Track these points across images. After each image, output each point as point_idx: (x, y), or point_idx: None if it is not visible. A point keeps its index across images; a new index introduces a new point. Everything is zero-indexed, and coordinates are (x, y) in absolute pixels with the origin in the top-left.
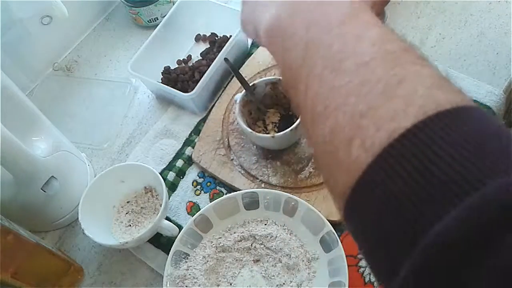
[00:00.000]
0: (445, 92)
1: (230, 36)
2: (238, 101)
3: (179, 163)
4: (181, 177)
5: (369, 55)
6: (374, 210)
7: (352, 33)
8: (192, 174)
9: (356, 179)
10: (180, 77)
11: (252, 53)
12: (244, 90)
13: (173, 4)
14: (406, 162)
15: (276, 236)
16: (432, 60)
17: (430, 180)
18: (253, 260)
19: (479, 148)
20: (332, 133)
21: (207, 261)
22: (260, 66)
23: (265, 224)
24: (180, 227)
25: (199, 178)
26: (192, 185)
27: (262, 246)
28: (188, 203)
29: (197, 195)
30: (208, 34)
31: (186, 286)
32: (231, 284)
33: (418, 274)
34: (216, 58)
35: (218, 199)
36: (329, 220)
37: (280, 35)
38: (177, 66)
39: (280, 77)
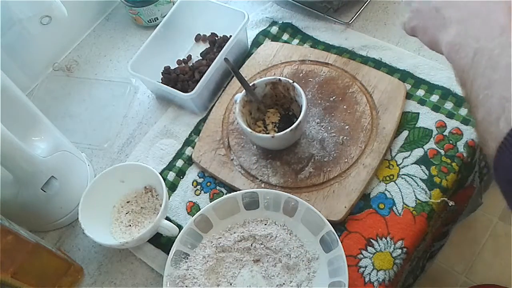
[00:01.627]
0: None
1: (230, 36)
2: (238, 101)
3: (179, 163)
4: (181, 177)
5: None
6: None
7: (508, 41)
8: (192, 174)
9: (501, 141)
10: (180, 77)
11: (252, 53)
12: (244, 90)
13: (173, 4)
14: None
15: (276, 236)
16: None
17: None
18: (253, 260)
19: None
20: (488, 113)
21: (207, 261)
22: (260, 66)
23: (265, 224)
24: (180, 227)
25: (199, 178)
26: (192, 185)
27: (262, 246)
28: (188, 203)
29: (197, 195)
30: (208, 34)
31: (186, 286)
32: (231, 284)
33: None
34: (216, 58)
35: (218, 199)
36: (329, 220)
37: (458, 47)
38: (177, 66)
39: (285, 79)
